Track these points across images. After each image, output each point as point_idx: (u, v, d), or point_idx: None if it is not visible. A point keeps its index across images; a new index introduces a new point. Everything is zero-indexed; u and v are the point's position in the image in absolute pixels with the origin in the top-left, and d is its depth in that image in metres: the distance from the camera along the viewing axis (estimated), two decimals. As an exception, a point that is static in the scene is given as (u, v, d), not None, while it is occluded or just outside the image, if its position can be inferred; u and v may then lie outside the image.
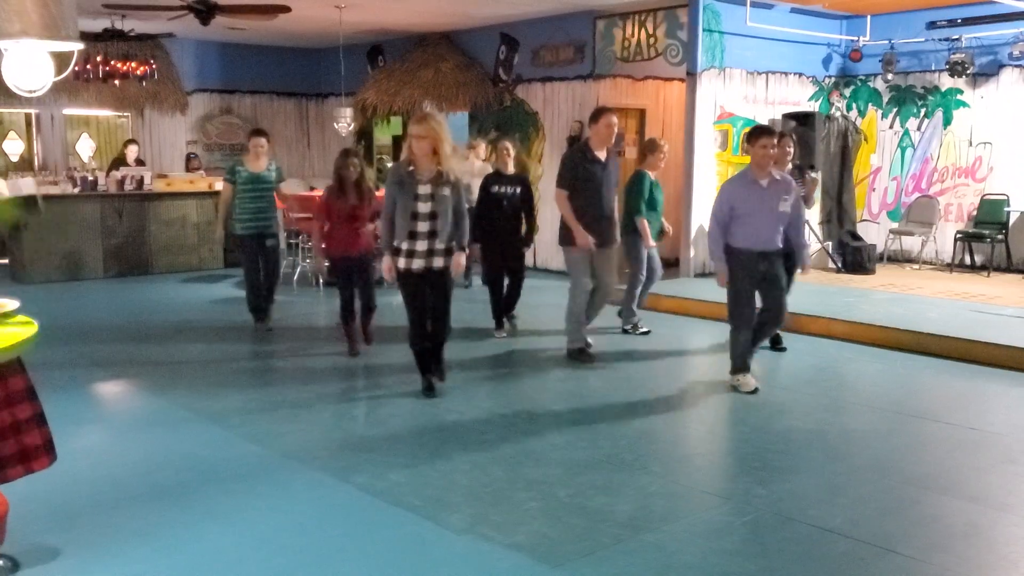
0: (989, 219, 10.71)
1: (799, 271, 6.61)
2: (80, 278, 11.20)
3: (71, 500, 4.26)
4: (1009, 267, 10.64)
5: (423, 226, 5.59)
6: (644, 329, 8.04)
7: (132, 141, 13.16)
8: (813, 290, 9.48)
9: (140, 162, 12.96)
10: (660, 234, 8.03)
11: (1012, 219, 10.63)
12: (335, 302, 9.81)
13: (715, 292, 7.55)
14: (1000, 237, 10.56)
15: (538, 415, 5.73)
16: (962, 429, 5.45)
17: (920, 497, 4.38)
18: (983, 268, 10.67)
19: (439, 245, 5.63)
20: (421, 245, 5.61)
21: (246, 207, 7.86)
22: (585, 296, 6.91)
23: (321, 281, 10.59)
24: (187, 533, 3.91)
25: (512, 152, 7.93)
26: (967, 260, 10.96)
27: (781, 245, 6.08)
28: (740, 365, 6.22)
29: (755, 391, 6.09)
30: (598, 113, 6.79)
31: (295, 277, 10.88)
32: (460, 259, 5.71)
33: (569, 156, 6.96)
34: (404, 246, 5.60)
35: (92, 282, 11.15)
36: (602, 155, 6.75)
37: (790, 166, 7.04)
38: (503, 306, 7.95)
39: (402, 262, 5.62)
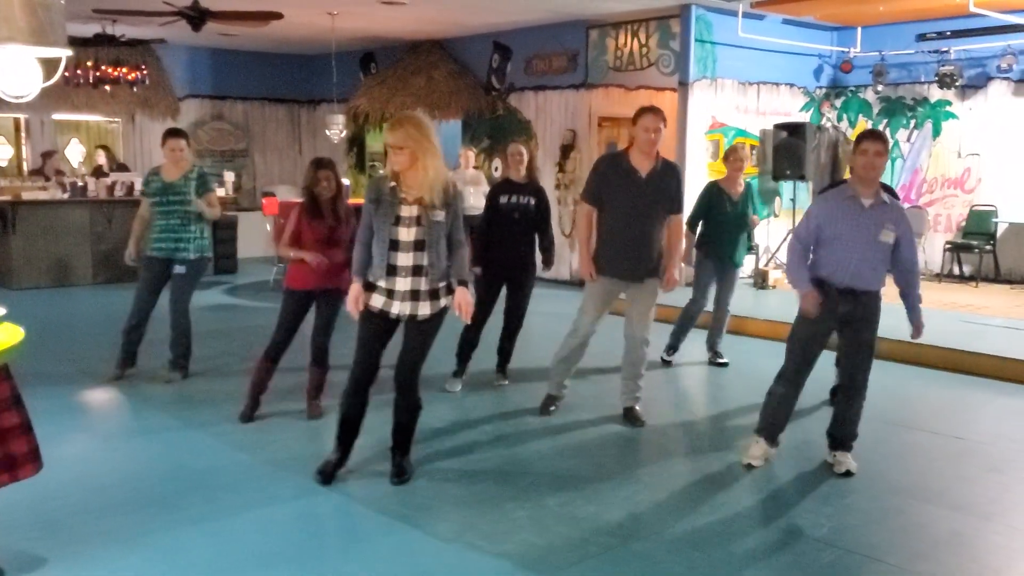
0: (977, 230, 10.76)
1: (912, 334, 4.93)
2: (69, 284, 11.16)
3: (57, 508, 4.24)
4: (997, 278, 10.69)
5: (405, 259, 4.29)
6: (669, 358, 7.34)
7: (102, 147, 13.16)
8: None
9: (123, 167, 12.93)
10: (732, 256, 7.13)
11: (1000, 230, 10.69)
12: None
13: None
14: (988, 248, 10.61)
15: (526, 425, 5.72)
16: (948, 439, 5.47)
17: (905, 506, 4.40)
18: (971, 279, 10.71)
19: (425, 286, 4.33)
20: (403, 283, 4.30)
21: (156, 223, 6.44)
22: (575, 340, 5.62)
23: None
24: (174, 542, 3.90)
25: (525, 157, 6.47)
26: (955, 270, 11.01)
27: (877, 288, 4.77)
28: (763, 427, 4.95)
29: (748, 467, 4.89)
30: (637, 114, 5.44)
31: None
32: (463, 296, 4.36)
33: (597, 163, 5.71)
34: (382, 283, 4.34)
35: (81, 288, 11.11)
36: (644, 165, 5.36)
37: None
38: (499, 355, 6.63)
39: (376, 299, 4.37)
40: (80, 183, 11.48)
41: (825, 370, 6.31)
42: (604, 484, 4.65)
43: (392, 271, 4.32)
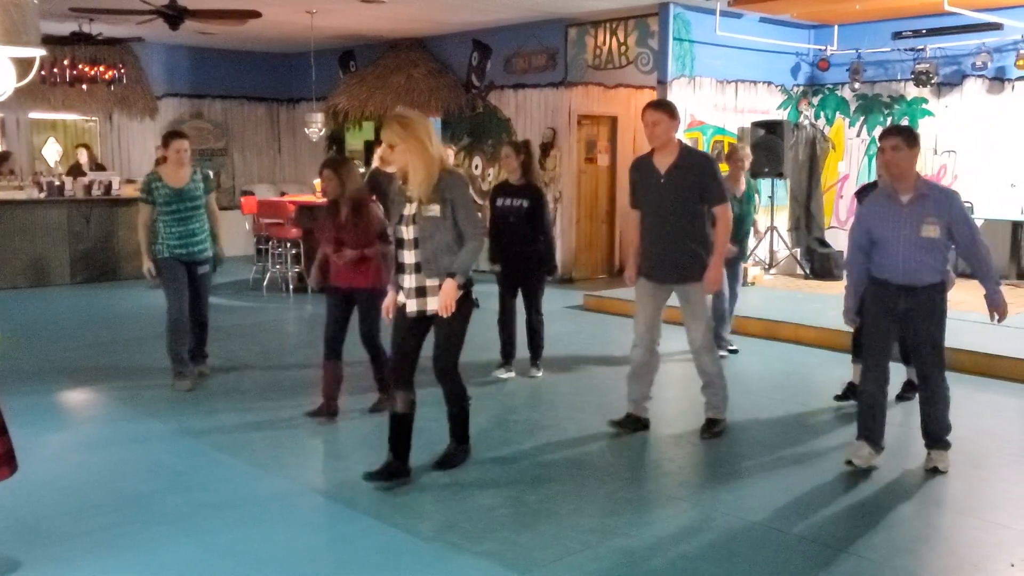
0: (954, 226, 10.84)
1: (993, 319, 4.79)
2: (47, 284, 11.08)
3: (33, 510, 4.20)
4: (974, 274, 10.77)
5: (408, 256, 4.39)
6: (732, 347, 7.44)
7: (83, 145, 13.06)
8: (782, 296, 9.57)
9: (100, 167, 12.83)
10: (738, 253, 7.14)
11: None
12: (305, 309, 9.84)
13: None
14: (965, 244, 10.70)
15: (508, 421, 5.73)
16: (926, 434, 5.51)
17: (883, 501, 4.43)
18: (948, 274, 10.78)
19: (431, 281, 4.37)
20: (409, 280, 4.41)
21: (172, 231, 6.28)
22: (635, 351, 5.42)
23: (291, 287, 10.54)
24: (153, 544, 3.87)
25: (514, 160, 6.53)
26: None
27: (934, 281, 4.69)
28: (861, 431, 4.88)
29: (848, 463, 4.83)
30: (643, 109, 5.30)
31: (264, 283, 10.82)
32: (446, 289, 4.29)
33: (630, 166, 5.55)
34: (400, 281, 4.48)
35: (59, 288, 11.03)
36: (664, 162, 5.20)
37: None
38: (530, 352, 6.77)
39: (401, 296, 4.48)
40: (57, 183, 11.38)
41: (765, 369, 6.32)
42: (585, 481, 4.66)
43: (401, 268, 4.44)
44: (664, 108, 5.25)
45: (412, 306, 4.42)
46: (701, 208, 5.24)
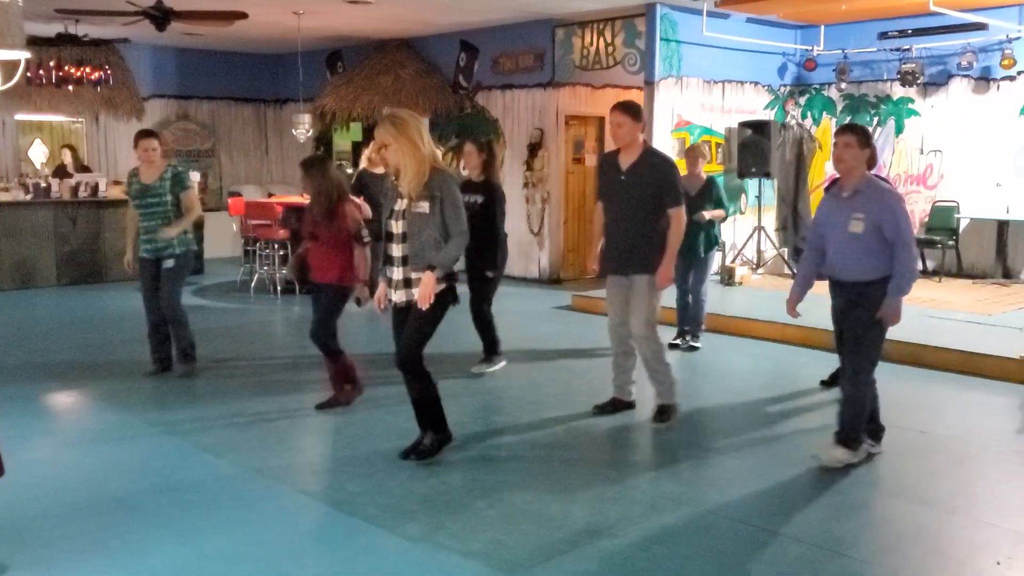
0: (940, 226, 10.91)
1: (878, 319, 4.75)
2: (32, 286, 11.02)
3: (20, 513, 4.18)
4: (959, 273, 10.85)
5: (396, 250, 4.63)
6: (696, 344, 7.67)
7: (67, 146, 13.00)
8: (768, 295, 9.59)
9: (85, 168, 12.76)
10: (692, 248, 7.24)
11: (962, 225, 10.84)
12: (292, 310, 9.81)
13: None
14: (951, 243, 10.76)
15: (494, 423, 5.73)
16: (912, 433, 5.54)
17: (870, 500, 4.45)
18: (935, 274, 10.85)
19: (415, 274, 4.59)
20: (396, 273, 4.65)
21: (141, 226, 6.53)
22: (613, 343, 5.80)
23: (279, 289, 10.51)
24: (141, 545, 3.86)
25: (475, 157, 6.68)
26: (919, 266, 11.13)
27: (866, 278, 4.69)
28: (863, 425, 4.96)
29: (862, 462, 4.86)
30: (610, 110, 5.55)
31: (252, 284, 10.79)
32: (425, 281, 4.50)
33: (598, 161, 5.92)
34: (388, 273, 4.73)
35: (45, 290, 10.97)
36: (626, 160, 5.44)
37: None
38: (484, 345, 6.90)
39: (390, 292, 4.74)
40: (43, 184, 11.33)
41: (751, 368, 6.33)
42: (572, 481, 4.67)
43: (389, 261, 4.68)
44: (628, 111, 5.44)
45: (400, 296, 4.64)
46: (658, 207, 5.41)
